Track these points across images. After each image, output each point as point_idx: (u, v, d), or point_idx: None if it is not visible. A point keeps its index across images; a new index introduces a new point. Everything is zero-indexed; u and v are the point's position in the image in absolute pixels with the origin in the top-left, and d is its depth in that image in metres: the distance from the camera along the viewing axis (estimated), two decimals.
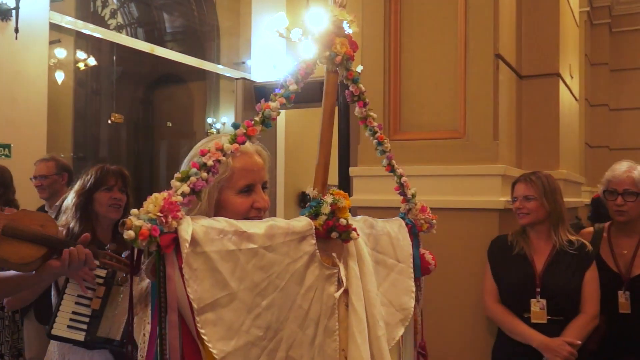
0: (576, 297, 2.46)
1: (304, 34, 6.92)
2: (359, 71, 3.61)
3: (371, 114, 1.49)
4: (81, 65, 7.59)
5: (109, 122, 8.77)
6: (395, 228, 1.59)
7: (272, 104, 1.21)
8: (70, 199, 2.44)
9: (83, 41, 7.42)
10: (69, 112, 7.65)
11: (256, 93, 4.28)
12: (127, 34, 8.74)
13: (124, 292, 2.24)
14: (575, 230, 2.68)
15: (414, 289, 1.57)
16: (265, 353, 1.12)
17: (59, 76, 6.98)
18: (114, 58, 8.49)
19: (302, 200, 9.34)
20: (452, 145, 2.89)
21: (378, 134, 1.53)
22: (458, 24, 2.89)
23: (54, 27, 5.65)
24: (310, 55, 1.28)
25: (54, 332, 2.16)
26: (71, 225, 2.35)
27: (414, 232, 1.64)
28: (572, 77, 3.94)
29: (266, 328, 1.12)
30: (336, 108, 4.18)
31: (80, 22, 6.34)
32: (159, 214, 1.00)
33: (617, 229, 2.70)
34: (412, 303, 1.56)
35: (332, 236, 1.27)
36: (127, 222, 0.97)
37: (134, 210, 0.99)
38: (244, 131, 1.16)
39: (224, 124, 9.74)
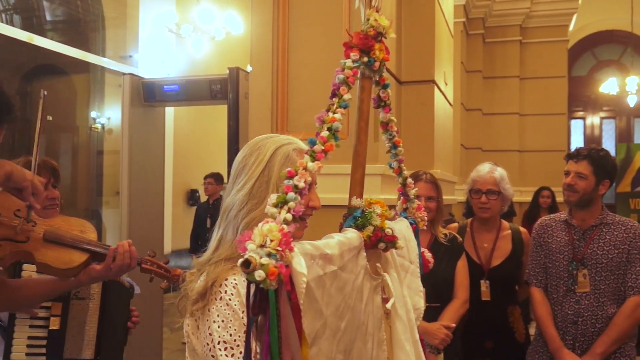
0: (450, 285, 2.71)
1: (195, 30, 6.87)
2: (248, 71, 3.68)
3: (392, 118, 1.50)
4: None
5: None
6: (404, 229, 1.57)
7: (337, 116, 1.18)
8: None
9: None
10: None
11: (145, 89, 4.21)
12: (2, 21, 8.19)
13: (90, 307, 2.06)
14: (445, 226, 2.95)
15: (422, 289, 1.59)
16: None
17: None
18: None
19: (191, 198, 9.22)
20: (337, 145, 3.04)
21: (395, 138, 1.54)
22: (342, 32, 3.05)
23: None
24: (350, 60, 1.24)
25: None
26: None
27: (417, 230, 1.65)
28: (446, 84, 4.25)
29: (344, 351, 1.12)
30: (226, 107, 4.18)
31: None
32: (279, 248, 0.91)
33: (479, 224, 2.98)
34: (423, 302, 1.58)
35: (380, 247, 1.25)
36: (252, 262, 0.87)
37: (251, 246, 0.90)
38: (322, 148, 1.14)
39: (108, 118, 9.39)
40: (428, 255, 1.72)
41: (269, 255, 0.89)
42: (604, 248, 2.60)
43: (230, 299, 1.21)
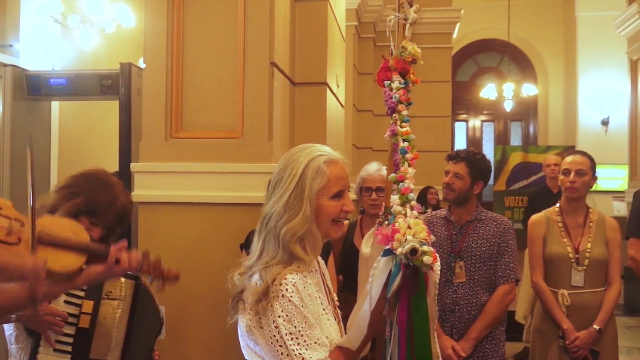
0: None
1: (83, 22, 6.58)
2: (141, 67, 3.61)
3: (408, 129, 1.74)
4: None
5: None
6: None
7: (407, 129, 1.55)
8: None
9: None
10: None
11: (29, 82, 4.01)
12: None
13: (120, 309, 1.99)
14: None
15: None
16: None
17: None
18: None
19: None
20: (231, 144, 3.09)
21: (407, 144, 1.74)
22: (237, 33, 3.09)
23: None
24: (396, 82, 1.62)
25: (40, 357, 1.88)
26: None
27: None
28: (338, 86, 4.40)
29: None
30: (117, 103, 4.09)
31: None
32: (427, 238, 1.22)
33: (368, 220, 3.14)
34: None
35: None
36: (418, 250, 1.19)
37: (409, 237, 1.23)
38: (412, 155, 1.53)
39: None
40: None
41: (422, 244, 1.23)
42: (478, 242, 2.85)
43: (291, 296, 1.41)
